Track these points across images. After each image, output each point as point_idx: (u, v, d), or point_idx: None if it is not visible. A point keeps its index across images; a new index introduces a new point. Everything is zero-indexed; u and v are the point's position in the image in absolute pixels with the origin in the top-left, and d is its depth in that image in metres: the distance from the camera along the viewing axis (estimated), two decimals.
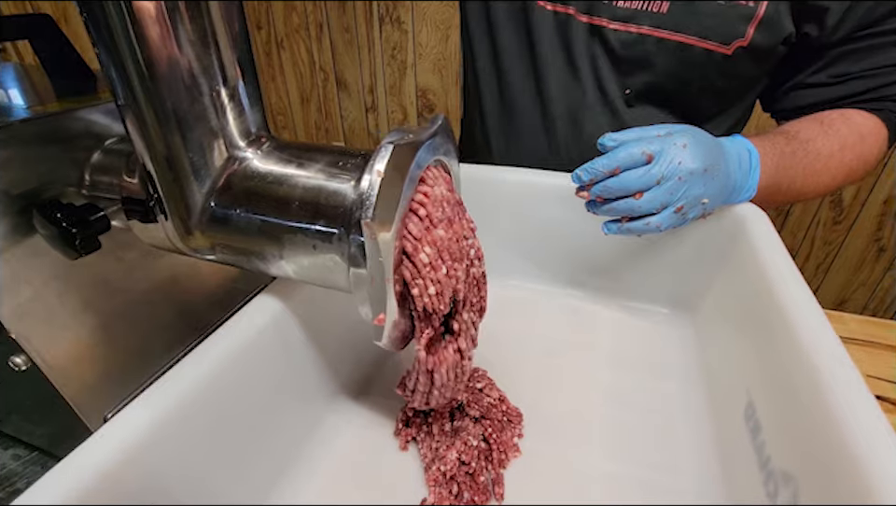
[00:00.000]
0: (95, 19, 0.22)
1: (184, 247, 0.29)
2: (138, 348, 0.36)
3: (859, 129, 0.47)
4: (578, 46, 0.49)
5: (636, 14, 0.47)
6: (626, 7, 0.47)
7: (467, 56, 0.60)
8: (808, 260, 1.54)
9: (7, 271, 0.27)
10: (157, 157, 0.25)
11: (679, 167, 0.35)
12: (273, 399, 0.31)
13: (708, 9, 0.45)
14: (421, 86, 1.59)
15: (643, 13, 0.47)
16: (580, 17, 0.49)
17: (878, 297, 1.53)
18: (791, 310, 0.29)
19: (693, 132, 0.37)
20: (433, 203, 0.23)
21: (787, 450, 0.26)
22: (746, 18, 0.44)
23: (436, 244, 0.23)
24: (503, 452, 0.32)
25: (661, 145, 0.35)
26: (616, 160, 0.35)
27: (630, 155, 0.35)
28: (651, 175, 0.35)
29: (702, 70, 0.48)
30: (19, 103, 0.31)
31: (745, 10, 0.44)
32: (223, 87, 0.25)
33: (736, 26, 0.45)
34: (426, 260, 0.23)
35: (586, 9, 0.48)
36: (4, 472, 0.39)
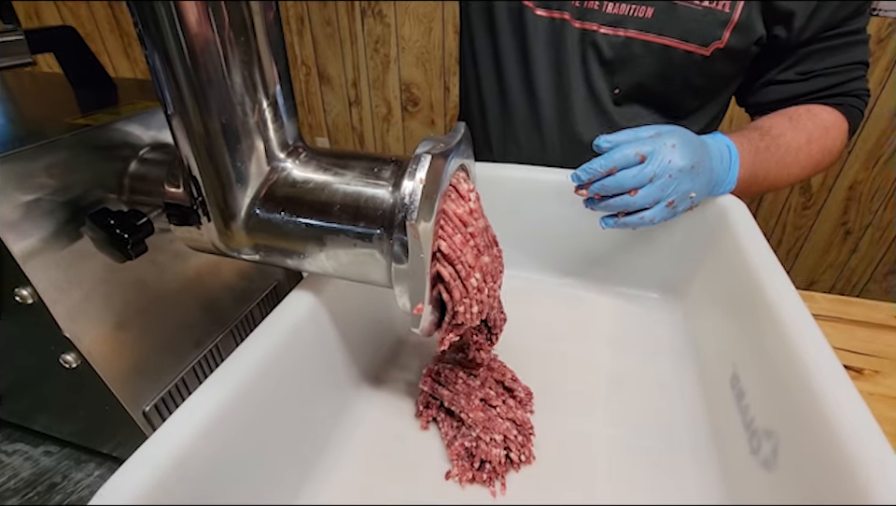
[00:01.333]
0: (152, 37, 0.24)
1: (224, 248, 0.31)
2: (169, 344, 0.39)
3: (823, 123, 0.52)
4: (570, 49, 0.53)
5: (623, 19, 0.51)
6: (615, 12, 0.51)
7: (467, 60, 0.63)
8: (780, 244, 1.63)
9: (60, 274, 0.29)
10: (203, 164, 0.28)
11: (669, 165, 0.39)
12: (310, 384, 0.34)
13: (688, 15, 0.49)
14: (405, 80, 1.60)
15: (630, 18, 0.50)
16: (574, 22, 0.52)
17: (845, 277, 1.63)
18: (769, 291, 0.33)
19: (680, 132, 0.41)
20: (479, 233, 0.27)
21: (768, 411, 0.30)
22: (722, 22, 0.49)
23: (482, 269, 0.27)
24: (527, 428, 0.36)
25: (652, 145, 0.39)
26: (612, 160, 0.39)
27: (625, 156, 0.39)
28: (644, 174, 0.39)
29: (683, 70, 0.52)
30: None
31: (721, 16, 0.48)
32: (266, 102, 0.27)
33: (714, 30, 0.49)
34: (475, 285, 0.27)
35: (579, 15, 0.52)
36: (38, 469, 0.41)
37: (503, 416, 0.36)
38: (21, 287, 0.28)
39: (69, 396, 0.36)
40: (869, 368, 0.45)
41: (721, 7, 0.48)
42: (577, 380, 0.42)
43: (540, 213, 0.50)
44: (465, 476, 0.34)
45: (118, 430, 0.38)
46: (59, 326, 0.29)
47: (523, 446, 0.35)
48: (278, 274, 0.52)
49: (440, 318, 0.31)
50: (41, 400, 0.39)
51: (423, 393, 0.39)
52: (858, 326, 0.50)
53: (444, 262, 0.27)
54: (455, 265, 0.27)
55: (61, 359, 0.31)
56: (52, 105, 0.36)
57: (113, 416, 0.35)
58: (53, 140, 0.28)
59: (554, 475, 0.35)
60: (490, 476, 0.34)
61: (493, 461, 0.34)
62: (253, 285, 0.48)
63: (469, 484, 0.34)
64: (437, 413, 0.38)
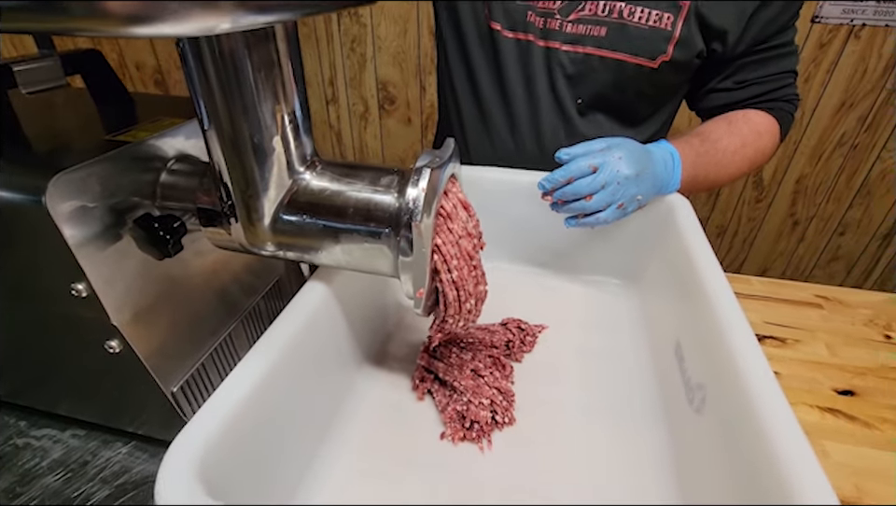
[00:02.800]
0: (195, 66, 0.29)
1: (249, 245, 0.37)
2: (192, 332, 0.44)
3: (757, 127, 0.60)
4: (536, 66, 0.60)
5: (582, 38, 0.58)
6: (574, 32, 0.58)
7: (443, 73, 0.69)
8: (736, 235, 1.75)
9: (107, 270, 0.34)
10: (235, 175, 0.33)
11: (617, 174, 0.46)
12: (324, 361, 0.40)
13: (637, 33, 0.56)
14: (381, 78, 1.65)
15: (587, 37, 0.58)
16: (538, 42, 0.59)
17: (794, 264, 1.77)
18: (703, 276, 0.41)
19: (626, 145, 0.48)
20: (466, 237, 0.34)
21: (700, 370, 0.38)
22: (666, 39, 0.56)
23: (465, 257, 0.34)
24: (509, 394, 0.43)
25: (602, 158, 0.46)
26: (569, 172, 0.46)
27: (580, 167, 0.46)
28: (596, 182, 0.46)
29: (635, 81, 0.59)
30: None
31: (665, 33, 0.56)
32: (288, 123, 0.33)
33: (659, 45, 0.57)
34: (457, 275, 0.34)
35: (543, 36, 0.59)
36: (67, 450, 0.46)
37: (490, 385, 0.42)
38: (78, 281, 0.33)
39: (108, 379, 0.40)
40: (791, 337, 0.54)
41: (664, 25, 0.55)
42: (550, 355, 0.49)
43: (516, 211, 0.57)
44: (457, 435, 0.41)
45: (144, 410, 0.43)
46: (108, 315, 0.34)
47: (506, 410, 0.42)
48: (280, 270, 0.57)
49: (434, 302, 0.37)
50: (75, 385, 0.44)
51: (419, 368, 0.45)
52: (784, 303, 0.59)
53: (438, 253, 0.34)
54: (445, 257, 0.34)
55: (106, 345, 0.36)
56: (86, 122, 0.40)
57: (146, 397, 0.40)
58: (107, 156, 0.33)
59: (532, 434, 0.42)
60: (478, 434, 0.41)
61: (481, 422, 0.41)
62: (258, 280, 0.54)
63: (460, 441, 0.41)
64: (431, 385, 0.45)
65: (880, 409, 0.46)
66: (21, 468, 0.44)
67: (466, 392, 0.41)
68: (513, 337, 0.49)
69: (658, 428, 0.41)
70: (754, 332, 0.35)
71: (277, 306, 0.57)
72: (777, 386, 0.30)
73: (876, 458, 0.42)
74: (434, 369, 0.44)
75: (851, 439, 0.44)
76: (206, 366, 0.46)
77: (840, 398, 0.47)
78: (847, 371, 0.50)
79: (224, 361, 0.48)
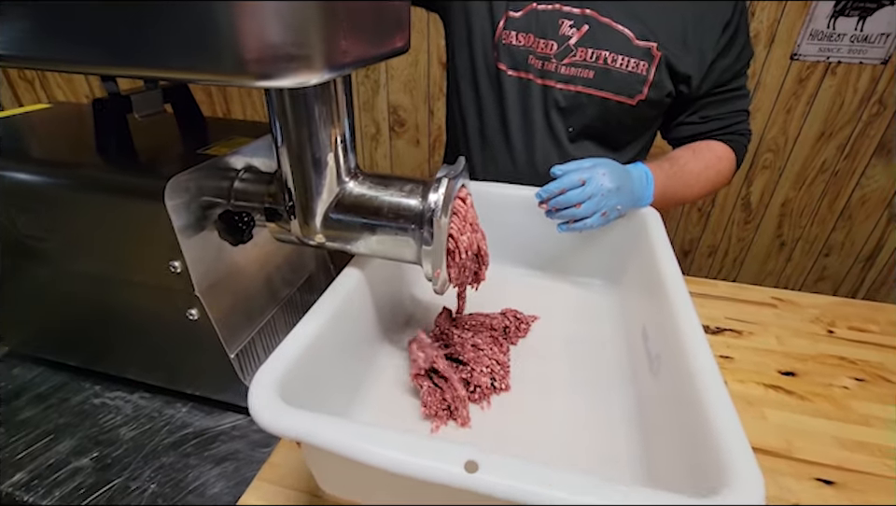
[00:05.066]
0: (273, 104, 0.40)
1: (303, 237, 0.47)
2: (247, 308, 0.54)
3: (717, 154, 0.72)
4: (535, 100, 0.72)
5: (573, 78, 0.70)
6: (567, 73, 0.70)
7: (453, 103, 0.82)
8: (727, 255, 1.86)
9: (195, 252, 0.45)
10: (297, 182, 0.44)
11: (601, 186, 0.57)
12: (355, 332, 0.50)
13: (618, 76, 0.68)
14: (392, 103, 1.78)
15: (578, 77, 0.69)
16: (536, 80, 0.71)
17: (782, 283, 1.86)
18: (666, 276, 0.51)
19: (609, 164, 0.59)
20: (469, 219, 0.45)
21: (658, 343, 0.48)
22: (642, 81, 0.68)
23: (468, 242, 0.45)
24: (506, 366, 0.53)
25: (590, 173, 0.57)
26: (562, 184, 0.57)
27: (571, 180, 0.57)
28: (584, 193, 0.57)
29: (617, 115, 0.71)
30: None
31: (641, 77, 0.68)
32: (340, 144, 0.44)
33: (637, 86, 0.69)
34: (465, 245, 0.44)
35: (541, 76, 0.71)
36: (137, 408, 0.56)
37: (489, 357, 0.52)
38: (175, 259, 0.43)
39: (180, 345, 0.50)
40: (747, 330, 0.64)
41: (640, 70, 0.67)
42: (541, 339, 0.59)
43: (515, 221, 0.68)
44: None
45: (205, 373, 0.53)
46: (193, 286, 0.45)
47: (502, 378, 0.52)
48: (311, 267, 0.68)
49: None
50: (147, 352, 0.54)
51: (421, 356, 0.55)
52: (744, 303, 0.69)
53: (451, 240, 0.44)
54: (455, 239, 0.44)
55: (187, 313, 0.47)
56: (180, 139, 0.51)
57: (210, 360, 0.50)
58: (201, 165, 0.44)
59: (523, 397, 0.51)
60: (480, 397, 0.50)
61: (482, 386, 0.50)
62: (294, 274, 0.64)
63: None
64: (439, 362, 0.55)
65: (815, 386, 0.56)
66: (100, 421, 0.54)
67: (469, 362, 0.51)
68: (510, 324, 0.59)
69: (626, 391, 0.51)
70: (716, 326, 0.45)
71: (309, 298, 0.67)
72: (711, 356, 0.40)
73: (806, 423, 0.51)
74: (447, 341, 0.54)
75: (787, 408, 0.53)
76: (254, 341, 0.56)
77: (783, 377, 0.57)
78: (791, 357, 0.60)
79: (267, 339, 0.58)
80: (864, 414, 0.53)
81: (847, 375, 0.58)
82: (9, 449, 0.50)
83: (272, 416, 0.33)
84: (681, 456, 0.38)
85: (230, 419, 0.54)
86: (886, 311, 0.69)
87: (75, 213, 0.45)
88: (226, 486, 0.47)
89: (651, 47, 0.66)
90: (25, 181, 0.45)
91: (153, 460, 0.49)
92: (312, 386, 0.41)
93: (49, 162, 0.46)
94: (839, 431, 0.51)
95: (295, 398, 0.36)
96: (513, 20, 0.71)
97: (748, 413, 0.52)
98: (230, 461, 0.50)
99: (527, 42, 0.70)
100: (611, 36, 0.67)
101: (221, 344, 0.48)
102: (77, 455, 0.50)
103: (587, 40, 0.68)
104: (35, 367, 0.60)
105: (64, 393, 0.57)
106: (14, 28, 0.32)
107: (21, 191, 0.46)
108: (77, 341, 0.57)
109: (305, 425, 0.32)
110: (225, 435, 0.52)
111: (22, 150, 0.50)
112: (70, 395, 0.57)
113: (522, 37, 0.70)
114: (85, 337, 0.56)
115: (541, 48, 0.70)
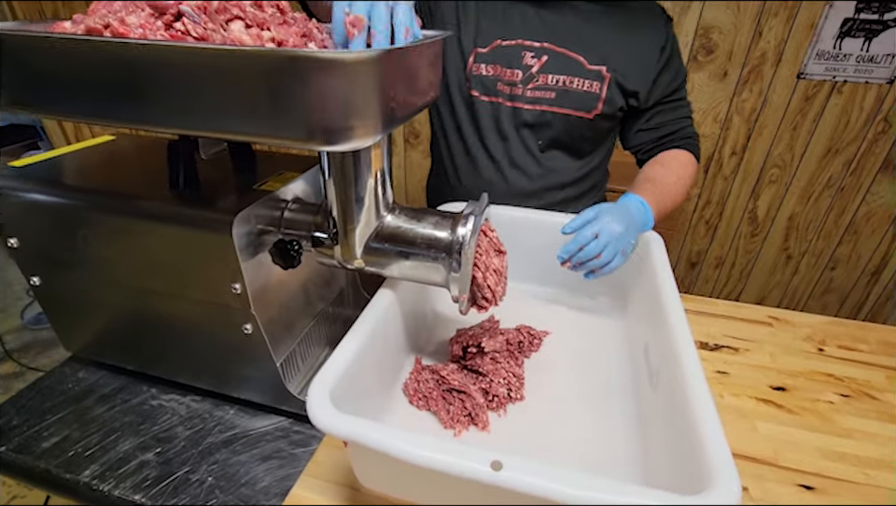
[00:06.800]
0: (325, 154, 0.47)
1: (344, 262, 0.54)
2: (289, 323, 0.61)
3: (680, 160, 0.82)
4: (505, 120, 0.82)
5: (538, 99, 0.79)
6: (532, 96, 0.79)
7: (437, 133, 0.92)
8: (734, 267, 1.90)
9: (252, 275, 0.52)
10: (340, 214, 0.51)
11: (613, 233, 0.64)
12: (388, 345, 0.56)
13: (576, 95, 0.78)
14: None
15: (542, 98, 0.79)
16: (506, 103, 0.80)
17: (789, 295, 1.91)
18: (664, 299, 0.57)
19: (610, 210, 0.66)
20: (494, 262, 0.51)
21: (658, 359, 0.54)
22: (596, 99, 0.78)
23: (494, 270, 0.51)
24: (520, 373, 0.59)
25: (599, 225, 0.64)
26: (579, 241, 0.64)
27: (585, 237, 0.64)
28: (601, 243, 0.63)
29: (579, 127, 0.81)
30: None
31: (595, 95, 0.78)
32: (380, 183, 0.51)
33: (592, 103, 0.78)
34: (492, 282, 0.51)
35: (510, 99, 0.80)
36: (190, 410, 0.63)
37: (506, 370, 0.59)
38: (237, 282, 0.50)
39: (233, 354, 0.57)
40: (742, 347, 0.70)
41: (594, 90, 0.77)
42: (553, 353, 0.66)
43: (529, 242, 0.74)
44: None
45: (252, 379, 0.60)
46: (250, 306, 0.52)
47: (518, 389, 0.58)
48: (342, 283, 0.75)
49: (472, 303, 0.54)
50: (200, 359, 0.61)
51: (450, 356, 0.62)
52: (741, 321, 0.75)
53: (476, 268, 0.51)
54: (481, 268, 0.51)
55: (243, 328, 0.54)
56: (236, 175, 0.58)
57: (258, 368, 0.57)
58: (260, 201, 0.51)
59: (536, 407, 0.58)
60: (497, 405, 0.57)
61: (499, 396, 0.57)
62: (328, 289, 0.71)
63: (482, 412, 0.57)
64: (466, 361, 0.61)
65: (803, 401, 0.62)
66: (161, 421, 0.61)
67: (488, 374, 0.58)
68: (524, 339, 0.65)
69: (629, 403, 0.57)
70: (715, 343, 0.51)
71: (340, 311, 0.74)
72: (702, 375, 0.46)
73: (793, 434, 0.57)
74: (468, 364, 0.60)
75: (776, 420, 0.59)
76: (295, 351, 0.63)
77: (774, 392, 0.63)
78: (782, 373, 0.66)
79: (305, 349, 0.65)
80: (847, 428, 0.59)
81: (833, 391, 0.63)
82: (83, 444, 0.57)
83: (328, 420, 0.40)
84: (673, 460, 0.44)
85: (272, 421, 0.61)
86: (875, 331, 0.75)
87: (148, 240, 0.52)
88: (273, 480, 0.54)
89: (602, 69, 0.77)
90: (102, 211, 0.52)
91: (208, 456, 0.56)
92: (353, 393, 0.47)
93: (125, 195, 0.53)
94: (823, 443, 0.57)
95: (342, 404, 0.42)
96: (482, 54, 0.81)
97: (740, 424, 0.58)
98: (275, 459, 0.56)
99: (496, 72, 0.80)
100: (567, 63, 0.77)
101: (270, 355, 0.55)
102: (142, 450, 0.57)
103: (547, 67, 0.78)
104: (98, 370, 0.67)
105: (125, 394, 0.64)
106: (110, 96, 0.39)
107: (96, 220, 0.53)
108: (135, 347, 0.64)
109: (356, 428, 0.39)
110: (269, 435, 0.59)
111: (99, 182, 0.57)
112: (131, 397, 0.64)
113: (490, 68, 0.80)
114: (142, 344, 0.63)
115: (508, 76, 0.79)
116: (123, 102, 0.39)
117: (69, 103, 0.40)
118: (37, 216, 0.55)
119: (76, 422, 0.60)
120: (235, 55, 0.35)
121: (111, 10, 0.39)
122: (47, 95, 0.40)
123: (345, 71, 0.34)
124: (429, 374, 0.59)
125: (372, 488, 0.49)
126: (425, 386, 0.58)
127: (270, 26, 0.45)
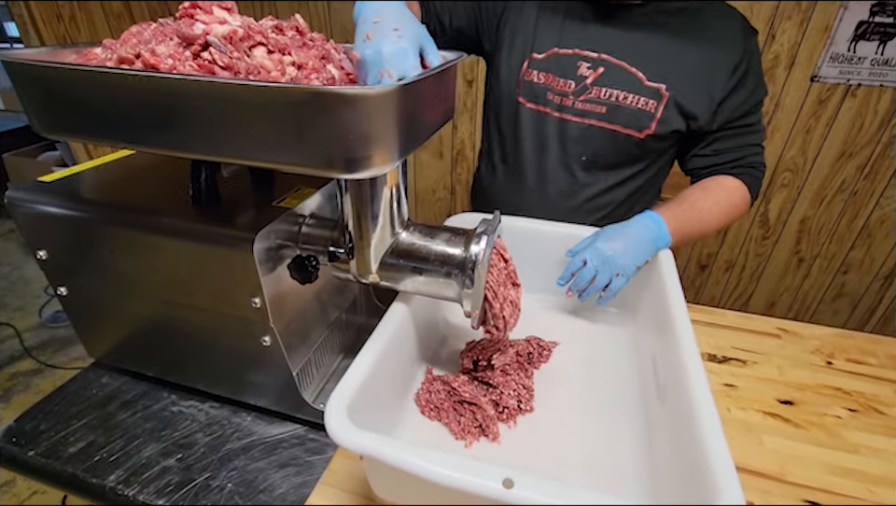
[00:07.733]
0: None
1: (360, 277, 0.56)
2: (305, 334, 0.63)
3: (727, 188, 0.78)
4: (550, 131, 0.81)
5: (587, 112, 0.77)
6: (582, 108, 0.77)
7: (485, 134, 0.91)
8: (744, 270, 1.90)
9: (272, 289, 0.53)
10: (356, 231, 0.52)
11: (601, 256, 0.66)
12: (402, 356, 0.58)
13: (628, 112, 0.76)
14: None
15: (591, 112, 0.77)
16: (553, 113, 0.79)
17: (800, 300, 1.90)
18: (673, 311, 0.58)
19: (602, 233, 0.68)
20: (503, 270, 0.52)
21: (665, 374, 0.55)
22: (650, 118, 0.75)
23: (511, 301, 0.52)
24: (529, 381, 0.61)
25: (587, 252, 0.66)
26: (570, 269, 0.66)
27: (575, 264, 0.66)
28: (591, 269, 0.65)
29: (626, 146, 0.79)
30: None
31: (649, 114, 0.75)
32: (395, 203, 0.52)
33: (645, 122, 0.76)
34: (507, 313, 0.52)
35: (558, 110, 0.79)
36: (209, 416, 0.65)
37: (516, 382, 0.60)
38: (257, 296, 0.52)
39: (251, 364, 0.59)
40: (751, 360, 0.70)
41: (649, 108, 0.75)
42: (562, 364, 0.67)
43: (537, 252, 0.75)
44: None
45: (269, 387, 0.62)
46: (269, 319, 0.54)
47: (527, 401, 0.60)
48: (355, 291, 0.77)
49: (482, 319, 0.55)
50: (218, 367, 0.63)
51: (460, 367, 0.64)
52: (749, 333, 0.75)
53: (488, 287, 0.52)
54: (499, 299, 0.52)
55: (262, 340, 0.55)
56: (255, 192, 0.60)
57: (275, 377, 0.59)
58: (279, 218, 0.52)
59: (546, 418, 0.59)
60: (507, 417, 0.58)
61: (510, 407, 0.58)
62: (342, 298, 0.73)
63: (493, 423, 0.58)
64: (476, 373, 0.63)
65: (810, 415, 0.63)
66: (181, 427, 0.63)
67: (499, 386, 0.59)
68: (533, 350, 0.67)
69: (636, 415, 0.58)
70: (723, 355, 0.53)
71: (353, 319, 0.76)
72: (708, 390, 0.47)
73: (799, 449, 0.58)
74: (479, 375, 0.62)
75: (783, 435, 0.60)
76: (310, 360, 0.65)
77: (781, 405, 0.64)
78: (790, 386, 0.67)
79: (320, 357, 0.67)
80: (854, 443, 0.59)
81: (841, 406, 0.64)
82: (107, 449, 0.60)
83: (346, 435, 0.41)
84: (679, 474, 0.45)
85: (288, 428, 0.63)
86: (885, 344, 0.75)
87: (171, 255, 0.54)
88: (290, 487, 0.56)
89: (661, 87, 0.73)
90: (127, 227, 0.54)
91: (227, 463, 0.58)
92: (369, 406, 0.49)
93: (150, 211, 0.55)
94: (829, 458, 0.58)
95: (358, 417, 0.44)
96: (536, 60, 0.79)
97: (747, 438, 0.59)
98: (291, 466, 0.58)
99: (547, 80, 0.79)
100: (624, 77, 0.75)
101: (287, 365, 0.57)
102: (164, 456, 0.59)
103: (602, 80, 0.75)
104: (120, 376, 0.70)
105: (147, 400, 0.66)
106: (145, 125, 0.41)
107: (121, 235, 0.55)
108: (156, 355, 0.67)
109: (372, 444, 0.41)
110: (286, 442, 0.61)
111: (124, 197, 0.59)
112: (152, 403, 0.66)
113: (542, 76, 0.79)
114: (163, 352, 0.66)
115: (560, 86, 0.78)
116: (157, 129, 0.41)
117: (105, 129, 0.42)
118: (65, 230, 0.58)
119: (100, 427, 0.62)
120: (265, 91, 0.36)
121: (141, 40, 0.41)
122: (84, 123, 0.42)
123: (366, 105, 0.36)
124: (441, 385, 0.61)
125: (387, 499, 0.51)
126: (436, 397, 0.60)
127: (290, 50, 0.47)
